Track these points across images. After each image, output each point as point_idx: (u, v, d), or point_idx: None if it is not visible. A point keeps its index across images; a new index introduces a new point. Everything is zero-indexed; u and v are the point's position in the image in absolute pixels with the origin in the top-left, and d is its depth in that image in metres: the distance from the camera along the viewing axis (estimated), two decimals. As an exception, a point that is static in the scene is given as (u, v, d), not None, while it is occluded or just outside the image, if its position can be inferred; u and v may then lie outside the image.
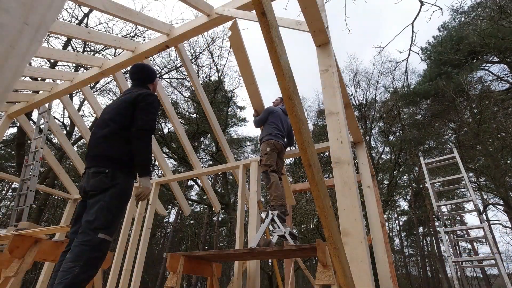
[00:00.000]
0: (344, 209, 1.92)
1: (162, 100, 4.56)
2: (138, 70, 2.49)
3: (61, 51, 4.06)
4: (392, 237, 23.11)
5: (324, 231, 1.39)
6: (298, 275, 19.01)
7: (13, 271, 2.44)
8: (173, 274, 3.06)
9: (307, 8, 2.25)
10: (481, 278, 21.38)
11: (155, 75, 2.57)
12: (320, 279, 2.11)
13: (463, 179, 6.24)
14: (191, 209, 13.66)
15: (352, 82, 18.30)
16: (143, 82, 2.48)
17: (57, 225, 3.58)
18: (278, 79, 1.20)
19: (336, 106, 2.23)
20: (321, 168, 1.51)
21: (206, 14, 2.99)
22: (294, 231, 3.82)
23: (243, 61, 3.75)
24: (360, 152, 4.08)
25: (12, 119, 4.75)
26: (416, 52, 9.48)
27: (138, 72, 2.49)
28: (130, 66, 2.63)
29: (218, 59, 13.23)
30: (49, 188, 6.70)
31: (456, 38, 13.74)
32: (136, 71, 2.49)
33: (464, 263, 7.01)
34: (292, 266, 5.21)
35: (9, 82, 0.62)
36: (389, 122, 17.31)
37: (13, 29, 0.62)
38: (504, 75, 14.03)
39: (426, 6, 6.05)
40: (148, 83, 2.51)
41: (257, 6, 1.07)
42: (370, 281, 1.70)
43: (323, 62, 2.47)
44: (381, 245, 3.71)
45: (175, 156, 13.78)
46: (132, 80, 2.49)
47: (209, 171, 5.14)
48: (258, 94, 4.14)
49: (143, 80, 2.48)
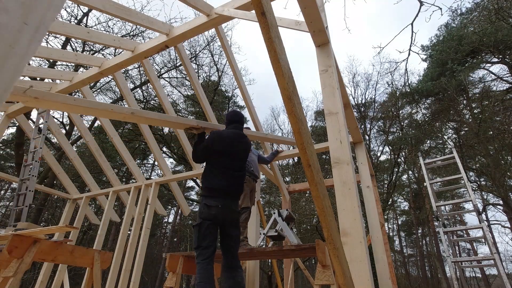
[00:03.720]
0: (343, 209, 1.92)
1: (161, 100, 4.56)
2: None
3: (61, 51, 4.06)
4: (391, 237, 23.12)
5: (323, 231, 1.40)
6: (297, 275, 19.02)
7: (12, 271, 2.44)
8: (172, 274, 3.06)
9: (307, 8, 2.25)
10: (480, 278, 21.40)
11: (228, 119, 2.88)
12: (320, 279, 2.12)
13: (463, 179, 6.25)
14: (190, 209, 13.64)
15: (351, 83, 18.32)
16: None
17: (56, 225, 3.58)
18: (277, 79, 1.20)
19: (336, 106, 2.23)
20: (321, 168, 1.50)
21: (205, 14, 2.99)
22: (294, 231, 3.84)
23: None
24: (360, 152, 4.09)
25: (11, 119, 4.74)
26: (416, 52, 9.50)
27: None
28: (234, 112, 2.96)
29: (218, 58, 13.23)
30: (48, 188, 6.69)
31: (457, 37, 13.77)
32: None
33: (463, 263, 7.02)
34: (291, 266, 5.21)
35: (8, 82, 0.62)
36: (389, 121, 17.34)
37: (12, 28, 0.62)
38: (504, 75, 14.06)
39: (425, 6, 6.06)
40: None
41: (256, 6, 1.07)
42: (369, 281, 1.70)
43: (322, 62, 2.46)
44: (381, 245, 3.72)
45: (175, 156, 13.78)
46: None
47: (208, 171, 5.13)
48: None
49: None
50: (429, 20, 6.26)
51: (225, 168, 2.49)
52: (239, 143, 2.62)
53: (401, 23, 21.08)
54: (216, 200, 2.40)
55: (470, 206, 17.31)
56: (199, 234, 2.32)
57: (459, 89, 14.23)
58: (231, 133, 2.64)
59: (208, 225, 2.33)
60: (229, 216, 2.44)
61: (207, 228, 2.32)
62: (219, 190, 2.44)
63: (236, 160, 2.57)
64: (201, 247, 2.29)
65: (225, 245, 2.45)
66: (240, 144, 2.62)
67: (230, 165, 2.52)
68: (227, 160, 2.52)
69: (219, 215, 2.37)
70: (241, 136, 2.69)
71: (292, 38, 55.61)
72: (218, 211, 2.37)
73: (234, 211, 2.50)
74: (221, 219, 2.38)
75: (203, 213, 2.37)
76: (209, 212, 2.36)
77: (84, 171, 6.00)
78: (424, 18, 6.52)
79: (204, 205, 2.39)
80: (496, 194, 12.79)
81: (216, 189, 2.44)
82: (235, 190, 2.54)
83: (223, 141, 2.55)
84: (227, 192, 2.47)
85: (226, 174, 2.48)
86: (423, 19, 6.36)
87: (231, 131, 2.67)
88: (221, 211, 2.38)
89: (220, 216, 2.38)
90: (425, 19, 6.28)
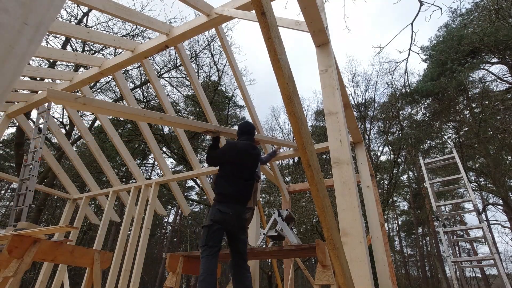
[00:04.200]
0: (343, 209, 1.92)
1: (161, 100, 4.56)
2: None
3: (61, 51, 4.05)
4: (391, 237, 23.11)
5: (323, 231, 1.40)
6: (297, 275, 19.01)
7: (12, 271, 2.44)
8: (172, 274, 3.06)
9: (307, 8, 2.25)
10: (480, 278, 21.40)
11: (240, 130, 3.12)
12: (320, 279, 2.12)
13: (463, 179, 6.25)
14: (191, 209, 13.63)
15: (351, 83, 18.34)
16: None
17: (56, 225, 3.57)
18: (277, 79, 1.20)
19: (336, 106, 2.23)
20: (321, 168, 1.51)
21: (205, 14, 2.99)
22: (294, 231, 3.84)
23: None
24: (360, 152, 4.09)
25: (11, 119, 4.74)
26: (416, 52, 9.49)
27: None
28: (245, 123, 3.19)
29: (219, 58, 13.23)
30: (48, 188, 6.69)
31: (457, 37, 13.76)
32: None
33: (463, 263, 7.02)
34: (291, 266, 5.21)
35: (8, 81, 0.62)
36: (389, 122, 17.34)
37: (12, 29, 0.62)
38: (504, 76, 14.06)
39: (425, 5, 6.06)
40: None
41: (256, 6, 1.07)
42: (369, 281, 1.70)
43: (322, 62, 2.46)
44: (381, 245, 3.72)
45: (175, 156, 13.78)
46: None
47: (208, 171, 5.14)
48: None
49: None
50: (429, 20, 6.26)
51: (236, 177, 2.73)
52: (250, 155, 2.87)
53: (401, 23, 21.07)
54: (228, 206, 2.62)
55: (470, 206, 17.31)
56: (207, 234, 2.51)
57: (459, 89, 14.23)
58: (243, 145, 2.88)
59: (218, 228, 2.53)
60: (239, 222, 2.66)
61: (216, 230, 2.52)
62: (231, 196, 2.67)
63: (247, 169, 2.81)
64: (207, 245, 2.47)
65: (235, 248, 2.66)
66: (251, 155, 2.87)
67: (241, 174, 2.75)
68: (238, 169, 2.76)
69: (230, 221, 2.59)
70: (253, 147, 2.94)
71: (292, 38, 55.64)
72: (229, 217, 2.58)
73: (243, 218, 2.73)
74: (231, 224, 2.60)
75: (216, 216, 2.56)
76: (221, 217, 2.56)
77: (84, 171, 6.00)
78: (424, 18, 6.52)
79: (217, 209, 2.59)
80: (496, 194, 12.79)
81: (227, 194, 2.66)
82: (244, 196, 2.76)
83: (236, 152, 2.79)
84: (237, 198, 2.70)
85: (237, 182, 2.72)
86: (423, 19, 6.36)
87: (243, 143, 2.91)
88: (231, 218, 2.59)
89: (230, 222, 2.59)
90: (425, 19, 6.28)
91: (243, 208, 2.74)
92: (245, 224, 2.82)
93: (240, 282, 2.52)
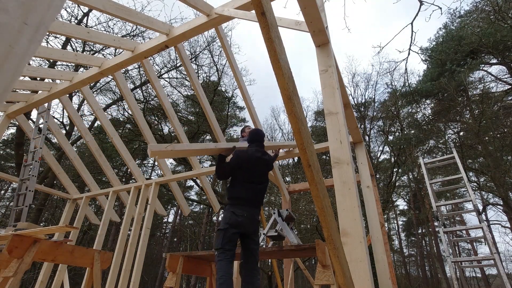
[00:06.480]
0: (343, 209, 1.92)
1: (161, 100, 4.56)
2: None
3: (61, 51, 4.05)
4: (391, 237, 23.11)
5: (323, 231, 1.40)
6: (297, 275, 19.02)
7: (12, 271, 2.44)
8: (172, 274, 3.06)
9: (307, 8, 2.24)
10: (480, 278, 21.40)
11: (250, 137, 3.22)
12: (320, 279, 2.11)
13: (463, 179, 6.25)
14: (190, 209, 13.63)
15: (351, 83, 18.33)
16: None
17: (56, 225, 3.57)
18: (277, 79, 1.20)
19: (336, 106, 2.23)
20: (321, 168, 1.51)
21: (205, 14, 2.99)
22: (294, 231, 3.84)
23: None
24: (360, 152, 4.09)
25: (11, 119, 4.74)
26: (416, 52, 9.49)
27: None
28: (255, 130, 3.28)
29: (218, 58, 13.22)
30: (48, 188, 6.69)
31: (457, 38, 13.77)
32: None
33: (463, 263, 7.02)
34: (291, 266, 5.21)
35: (8, 82, 0.62)
36: (389, 121, 17.34)
37: (12, 29, 0.62)
38: (503, 76, 14.06)
39: (425, 5, 6.06)
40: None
41: (256, 6, 1.07)
42: (369, 281, 1.70)
43: (322, 62, 2.46)
44: (381, 245, 3.72)
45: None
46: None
47: (208, 171, 5.14)
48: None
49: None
50: (429, 20, 6.26)
51: (249, 182, 2.82)
52: (262, 160, 2.98)
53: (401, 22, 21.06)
54: (242, 209, 2.70)
55: (470, 206, 17.31)
56: (223, 237, 2.58)
57: (459, 90, 14.23)
58: (255, 152, 2.97)
59: (233, 233, 2.61)
60: (253, 225, 2.74)
61: (232, 235, 2.59)
62: (245, 200, 2.75)
63: (258, 174, 2.91)
64: (224, 248, 2.55)
65: (248, 250, 2.73)
66: (263, 161, 2.98)
67: (253, 179, 2.85)
68: (251, 175, 2.85)
69: (245, 223, 2.66)
70: (263, 153, 3.05)
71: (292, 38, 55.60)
72: (244, 220, 2.66)
73: (256, 220, 2.81)
74: (246, 227, 2.68)
75: (231, 219, 2.63)
76: (237, 219, 2.63)
77: (84, 171, 6.00)
78: (424, 18, 6.52)
79: (231, 212, 2.67)
80: (496, 194, 12.79)
81: (242, 198, 2.75)
82: (258, 200, 2.86)
83: (248, 160, 2.89)
84: (252, 201, 2.79)
85: (250, 187, 2.82)
86: (423, 19, 6.36)
87: (255, 149, 3.00)
88: (245, 221, 2.67)
89: (246, 224, 2.67)
90: (425, 19, 6.28)
91: (257, 211, 2.83)
92: (258, 226, 2.88)
93: (251, 284, 2.59)
